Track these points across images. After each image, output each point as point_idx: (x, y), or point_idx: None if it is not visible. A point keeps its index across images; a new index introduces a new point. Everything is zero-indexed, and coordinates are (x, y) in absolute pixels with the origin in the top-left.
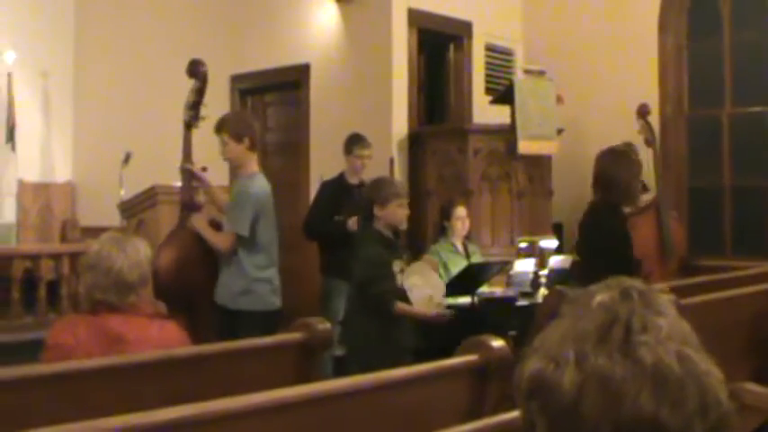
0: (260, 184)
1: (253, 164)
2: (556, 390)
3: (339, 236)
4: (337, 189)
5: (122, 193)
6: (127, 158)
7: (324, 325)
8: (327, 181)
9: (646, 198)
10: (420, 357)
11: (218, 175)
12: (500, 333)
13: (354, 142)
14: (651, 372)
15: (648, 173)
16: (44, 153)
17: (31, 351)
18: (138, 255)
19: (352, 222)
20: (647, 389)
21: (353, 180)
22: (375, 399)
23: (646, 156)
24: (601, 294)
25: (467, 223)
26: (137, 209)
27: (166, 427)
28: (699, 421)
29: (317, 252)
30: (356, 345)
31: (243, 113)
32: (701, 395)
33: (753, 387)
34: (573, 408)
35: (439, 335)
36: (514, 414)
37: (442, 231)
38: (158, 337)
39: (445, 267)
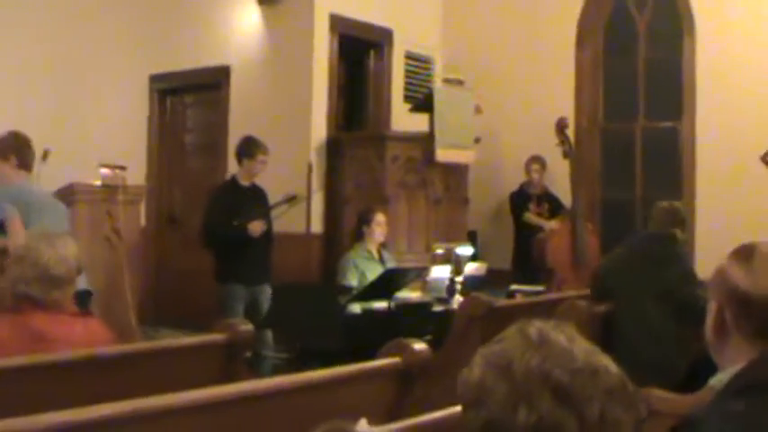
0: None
1: (17, 179)
2: (468, 382)
3: (239, 240)
4: (231, 193)
5: None
6: (45, 155)
7: (246, 326)
8: (219, 185)
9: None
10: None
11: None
12: (415, 337)
13: (257, 146)
14: (537, 339)
15: (566, 185)
16: None
17: None
18: (66, 251)
19: (253, 227)
20: (532, 350)
21: (246, 183)
22: (299, 399)
23: (563, 168)
24: None
25: (386, 230)
26: None
27: (90, 426)
28: (590, 381)
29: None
30: None
31: (18, 136)
32: (588, 357)
33: (660, 393)
34: (480, 387)
35: (353, 339)
36: (435, 415)
37: (359, 237)
38: (83, 336)
39: (363, 275)
